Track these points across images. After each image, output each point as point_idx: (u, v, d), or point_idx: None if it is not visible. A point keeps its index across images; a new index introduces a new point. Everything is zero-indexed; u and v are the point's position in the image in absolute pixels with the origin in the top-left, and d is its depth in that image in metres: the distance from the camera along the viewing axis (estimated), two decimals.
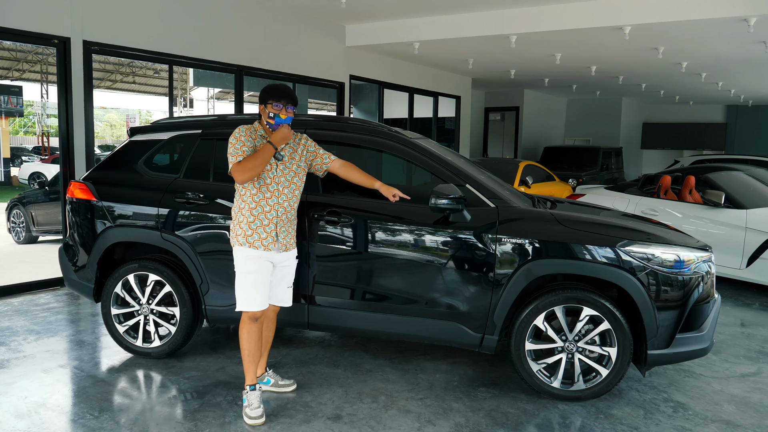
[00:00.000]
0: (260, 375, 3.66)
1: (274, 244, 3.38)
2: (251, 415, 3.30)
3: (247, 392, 3.35)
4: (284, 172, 3.42)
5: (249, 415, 3.30)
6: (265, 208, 3.36)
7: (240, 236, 3.34)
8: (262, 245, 3.34)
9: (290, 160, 3.47)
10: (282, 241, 3.41)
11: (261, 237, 3.35)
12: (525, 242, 3.53)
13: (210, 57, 7.26)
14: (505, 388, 3.81)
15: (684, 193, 7.03)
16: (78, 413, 3.36)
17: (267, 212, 3.36)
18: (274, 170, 3.39)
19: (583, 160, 13.67)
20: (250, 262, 3.33)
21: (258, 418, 3.29)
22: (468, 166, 4.02)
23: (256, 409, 3.31)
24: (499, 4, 7.64)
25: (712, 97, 17.11)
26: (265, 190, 3.36)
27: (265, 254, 3.36)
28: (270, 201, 3.37)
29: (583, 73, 12.10)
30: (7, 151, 12.56)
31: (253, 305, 3.35)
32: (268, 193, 3.36)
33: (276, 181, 3.38)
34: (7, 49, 12.03)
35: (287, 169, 3.44)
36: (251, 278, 3.34)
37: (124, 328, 4.12)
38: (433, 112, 12.41)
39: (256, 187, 3.34)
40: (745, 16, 6.58)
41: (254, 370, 3.39)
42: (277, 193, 3.38)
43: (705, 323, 3.61)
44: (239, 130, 3.35)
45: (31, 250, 8.20)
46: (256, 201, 3.35)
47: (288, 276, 3.54)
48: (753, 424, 3.43)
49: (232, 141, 3.32)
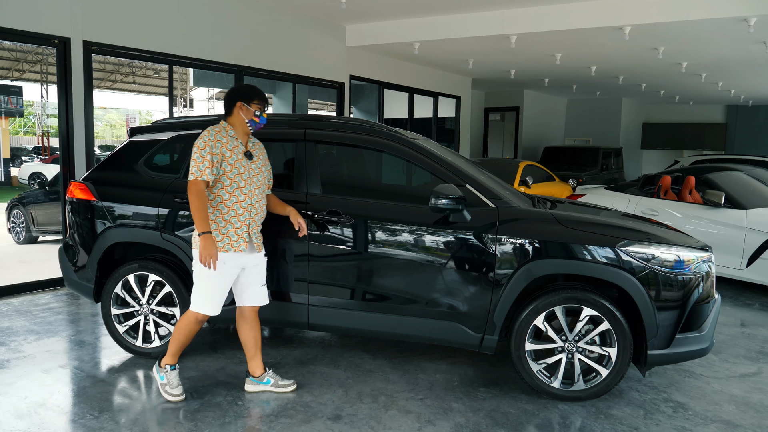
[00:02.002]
0: (260, 375, 3.66)
1: (245, 245, 3.41)
2: (173, 392, 3.49)
3: (167, 371, 3.52)
4: (255, 172, 3.46)
5: (170, 392, 3.49)
6: (238, 211, 3.38)
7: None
8: (232, 248, 3.37)
9: (258, 160, 3.51)
10: (255, 242, 3.47)
11: (232, 240, 3.37)
12: (525, 242, 3.53)
13: (210, 57, 7.26)
14: (505, 388, 3.81)
15: (684, 193, 7.03)
16: (78, 413, 3.36)
17: (240, 215, 3.38)
18: (247, 172, 3.41)
19: (583, 160, 13.67)
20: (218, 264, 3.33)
21: (179, 395, 3.49)
22: (468, 166, 4.02)
23: (176, 387, 3.50)
24: (499, 4, 7.64)
25: (712, 97, 17.11)
26: (239, 193, 3.38)
27: (233, 258, 3.38)
28: (244, 203, 3.39)
29: (583, 73, 12.10)
30: (7, 152, 12.56)
31: (207, 309, 3.39)
32: (242, 196, 3.39)
33: (248, 182, 3.41)
34: (7, 49, 12.03)
35: (257, 169, 3.48)
36: (211, 281, 3.35)
37: (124, 328, 4.12)
38: (433, 112, 12.41)
39: (230, 191, 3.36)
40: (745, 16, 6.58)
41: (178, 356, 3.55)
42: (250, 194, 3.41)
43: (705, 323, 3.61)
44: (208, 134, 3.32)
45: (31, 250, 8.20)
46: (229, 205, 3.36)
47: (260, 275, 3.56)
48: (753, 424, 3.43)
49: (198, 145, 3.29)
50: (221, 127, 3.41)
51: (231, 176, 3.36)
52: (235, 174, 3.37)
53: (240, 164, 3.39)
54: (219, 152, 3.31)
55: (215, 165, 3.30)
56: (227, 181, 3.35)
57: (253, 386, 3.66)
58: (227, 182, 3.35)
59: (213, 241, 3.25)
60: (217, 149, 3.31)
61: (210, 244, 3.23)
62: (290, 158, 4.09)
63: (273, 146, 4.38)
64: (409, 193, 4.60)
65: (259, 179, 3.48)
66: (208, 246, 3.23)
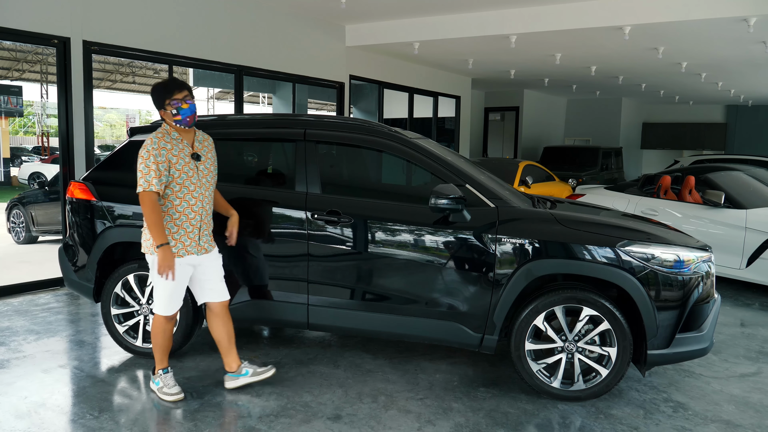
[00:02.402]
0: (236, 369, 3.69)
1: (196, 248, 3.42)
2: (170, 392, 3.49)
3: (161, 375, 3.54)
4: (204, 173, 3.43)
5: (168, 392, 3.49)
6: (189, 215, 3.37)
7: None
8: (186, 252, 3.38)
9: (206, 159, 3.47)
10: (203, 245, 3.46)
11: (185, 245, 3.38)
12: (525, 242, 3.53)
13: (210, 57, 7.26)
14: (505, 388, 3.81)
15: (684, 193, 7.03)
16: (78, 413, 3.36)
17: (191, 219, 3.38)
18: (196, 174, 3.38)
19: (583, 160, 13.67)
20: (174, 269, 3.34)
21: (178, 393, 3.49)
22: (468, 166, 4.02)
23: (173, 387, 3.51)
24: (499, 4, 7.64)
25: (712, 97, 17.11)
26: (189, 198, 3.36)
27: (185, 260, 3.39)
28: (195, 207, 3.39)
29: (583, 73, 12.10)
30: (7, 151, 12.56)
31: (169, 310, 3.45)
32: (193, 200, 3.37)
33: (198, 185, 3.39)
34: (7, 49, 12.03)
35: (206, 170, 3.44)
36: (170, 285, 3.38)
37: (124, 328, 4.12)
38: (433, 112, 12.41)
39: (180, 197, 3.34)
40: (745, 16, 6.58)
41: (166, 358, 3.58)
42: (200, 197, 3.40)
43: (705, 323, 3.61)
44: (151, 142, 3.25)
45: (31, 250, 8.20)
46: (180, 210, 3.35)
47: (217, 271, 3.57)
48: (753, 424, 3.43)
49: (143, 155, 3.24)
50: (163, 132, 3.34)
51: (180, 182, 3.32)
52: (184, 179, 3.33)
53: (188, 168, 3.34)
54: (165, 159, 3.26)
55: (163, 174, 3.25)
56: (177, 187, 3.32)
57: (232, 382, 3.68)
58: (177, 188, 3.32)
59: (171, 253, 3.26)
60: (163, 157, 3.25)
61: (168, 256, 3.25)
62: (290, 158, 4.09)
63: (273, 146, 4.40)
64: (409, 193, 4.60)
65: (208, 179, 3.46)
66: (167, 258, 3.24)
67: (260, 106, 17.61)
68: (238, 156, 4.36)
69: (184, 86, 3.34)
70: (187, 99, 3.31)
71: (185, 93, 3.32)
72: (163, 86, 3.33)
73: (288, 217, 3.84)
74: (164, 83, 3.36)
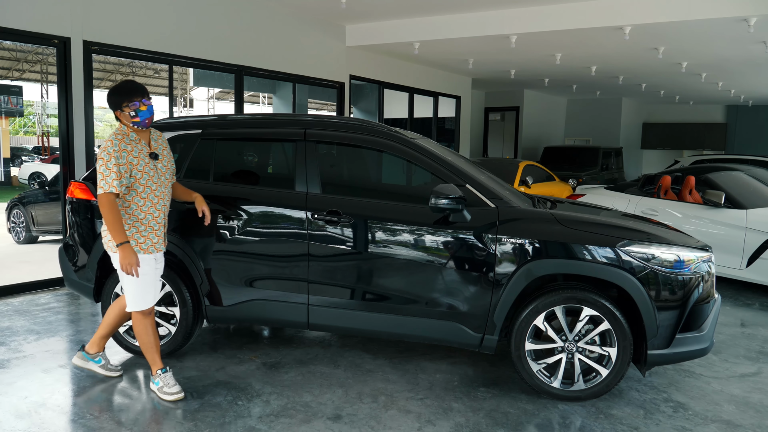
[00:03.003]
0: (93, 353, 3.77)
1: (163, 244, 3.54)
2: (171, 392, 3.51)
3: (160, 375, 3.55)
4: (162, 171, 3.51)
5: (168, 392, 3.50)
6: (154, 214, 3.45)
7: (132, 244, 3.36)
8: (155, 249, 3.47)
9: (163, 158, 3.54)
10: (165, 241, 3.59)
11: (153, 242, 3.46)
12: (525, 242, 3.53)
13: (210, 57, 7.26)
14: (505, 388, 3.81)
15: (684, 193, 7.03)
16: (78, 413, 3.36)
17: (156, 217, 3.47)
18: (156, 173, 3.45)
19: (583, 160, 13.67)
20: (143, 264, 3.39)
21: (178, 392, 3.51)
22: (468, 166, 4.02)
23: (173, 386, 3.52)
24: (499, 4, 7.64)
25: (712, 97, 17.11)
26: (152, 197, 3.43)
27: (152, 256, 3.48)
28: (158, 206, 3.47)
29: (583, 73, 12.10)
30: (7, 151, 12.57)
31: (143, 305, 3.48)
32: (155, 198, 3.44)
33: (158, 183, 3.46)
34: (7, 49, 12.04)
35: (164, 168, 3.53)
36: (146, 279, 3.43)
37: (124, 328, 4.11)
38: (433, 112, 12.41)
39: (143, 197, 3.40)
40: (745, 16, 6.58)
41: (159, 357, 3.59)
42: (161, 195, 3.49)
43: (705, 323, 3.61)
44: (111, 144, 3.28)
45: (31, 250, 8.20)
46: (145, 210, 3.41)
47: (160, 270, 3.63)
48: (753, 424, 3.43)
49: (103, 157, 3.26)
50: (122, 134, 3.37)
51: (143, 182, 3.38)
52: (146, 179, 3.39)
53: (148, 168, 3.40)
54: (126, 161, 3.30)
55: (124, 175, 3.28)
56: (140, 187, 3.37)
57: (82, 362, 3.78)
58: (140, 188, 3.37)
59: (132, 250, 3.29)
60: (123, 159, 3.29)
61: (129, 254, 3.27)
62: (290, 158, 4.09)
63: (273, 146, 4.40)
64: (409, 193, 4.60)
65: (167, 177, 3.55)
66: (128, 256, 3.27)
67: (260, 106, 17.62)
68: (239, 156, 4.37)
69: (142, 89, 3.40)
70: (145, 102, 3.37)
71: (143, 97, 3.37)
72: (120, 89, 3.38)
73: (288, 217, 3.84)
74: (121, 86, 3.40)
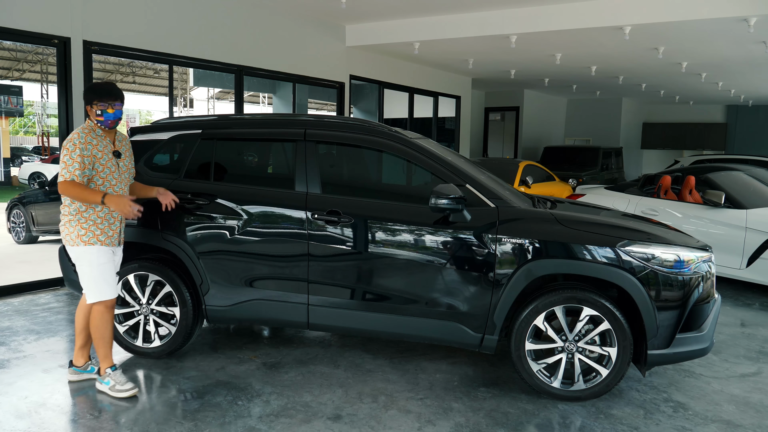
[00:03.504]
0: (83, 365, 3.76)
1: (118, 239, 3.61)
2: (124, 389, 3.53)
3: (110, 374, 3.58)
4: (123, 169, 3.61)
5: (121, 389, 3.53)
6: (112, 210, 3.50)
7: (87, 237, 3.43)
8: (110, 242, 3.53)
9: (126, 157, 3.65)
10: (121, 237, 3.66)
11: (109, 235, 3.52)
12: (525, 242, 3.53)
13: (210, 57, 7.26)
14: (505, 388, 3.81)
15: (684, 193, 7.03)
16: (78, 413, 3.36)
17: (113, 211, 3.52)
18: (118, 171, 3.54)
19: (583, 160, 13.67)
20: (101, 255, 3.46)
21: (132, 388, 3.55)
22: (468, 166, 4.02)
23: (125, 383, 3.56)
24: (499, 4, 7.64)
25: (712, 97, 17.11)
26: (111, 192, 3.49)
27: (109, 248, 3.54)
28: None
29: (583, 73, 12.10)
30: (7, 151, 12.57)
31: (109, 293, 3.52)
32: (115, 194, 3.47)
33: (119, 180, 3.55)
34: (7, 49, 12.04)
35: (125, 167, 3.63)
36: (104, 268, 3.49)
37: (124, 328, 4.11)
38: (433, 112, 12.41)
39: (103, 191, 3.45)
40: (745, 16, 6.58)
41: (111, 354, 3.62)
42: (121, 192, 3.57)
43: (705, 323, 3.61)
44: (78, 136, 3.39)
45: (31, 250, 8.20)
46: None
47: (118, 265, 3.70)
48: (753, 424, 3.43)
49: (69, 147, 3.35)
50: (89, 128, 3.48)
51: (103, 176, 3.47)
52: (107, 174, 3.48)
53: (111, 164, 3.51)
54: (90, 154, 3.40)
55: (87, 167, 3.39)
56: (100, 181, 3.46)
57: (76, 376, 3.76)
58: (100, 182, 3.47)
59: (118, 195, 3.36)
60: (88, 151, 3.39)
61: (117, 199, 3.34)
62: (290, 158, 4.09)
63: (273, 146, 4.40)
64: (409, 193, 4.60)
65: (126, 176, 3.65)
66: (118, 201, 3.34)
67: (260, 106, 17.62)
68: (239, 156, 4.37)
69: (115, 95, 3.47)
70: (115, 105, 3.46)
71: (114, 101, 3.46)
72: (96, 88, 3.48)
73: (288, 217, 3.84)
74: (100, 86, 3.50)
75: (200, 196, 3.99)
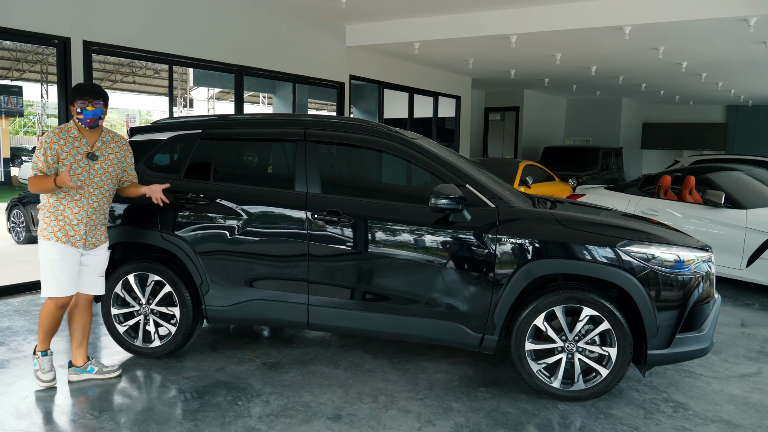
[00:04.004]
0: (82, 365, 3.75)
1: (82, 242, 3.54)
2: (43, 378, 3.59)
3: (39, 357, 3.61)
4: (98, 173, 3.56)
5: (41, 378, 3.59)
6: (74, 210, 3.49)
7: (47, 231, 3.46)
8: (69, 241, 3.49)
9: (105, 160, 3.59)
10: (90, 240, 3.58)
11: (69, 234, 3.49)
12: (525, 242, 3.53)
13: (210, 57, 7.26)
14: (505, 388, 3.81)
15: (684, 193, 7.03)
16: (78, 413, 3.36)
17: (76, 213, 3.50)
18: (86, 172, 3.51)
19: (583, 160, 13.67)
20: (56, 252, 3.45)
21: (50, 381, 3.60)
22: (468, 166, 4.02)
23: (48, 372, 3.61)
24: (499, 4, 7.64)
25: (712, 97, 17.11)
26: (73, 193, 3.48)
27: (73, 248, 3.51)
28: (79, 203, 3.50)
29: (583, 73, 12.10)
30: (7, 151, 12.56)
31: (59, 291, 3.49)
32: (78, 196, 3.49)
33: (86, 182, 3.50)
34: (7, 49, 12.04)
35: (101, 170, 3.57)
36: (56, 265, 3.47)
37: (124, 328, 4.12)
38: (433, 112, 12.41)
39: (64, 190, 3.46)
40: (745, 16, 6.58)
41: (49, 341, 3.63)
42: (88, 195, 3.52)
43: (705, 323, 3.61)
44: (47, 135, 3.46)
45: (31, 250, 8.18)
46: (64, 203, 3.48)
47: (99, 265, 3.68)
48: (753, 424, 3.43)
49: (39, 145, 3.44)
50: (63, 128, 3.52)
51: None
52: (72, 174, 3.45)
53: (77, 165, 3.48)
54: (54, 153, 3.44)
55: (51, 166, 3.42)
56: None
57: (76, 376, 3.75)
58: None
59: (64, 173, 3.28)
60: (53, 150, 3.44)
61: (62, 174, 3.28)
62: (290, 158, 4.09)
63: (273, 146, 4.40)
64: (409, 193, 4.60)
65: (102, 179, 3.58)
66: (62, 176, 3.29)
67: (260, 106, 17.61)
68: (239, 156, 4.37)
69: (96, 93, 3.49)
70: (96, 103, 3.47)
71: (95, 99, 3.47)
72: (80, 87, 3.51)
73: (288, 217, 3.84)
74: (82, 84, 3.54)
75: (200, 196, 3.99)
